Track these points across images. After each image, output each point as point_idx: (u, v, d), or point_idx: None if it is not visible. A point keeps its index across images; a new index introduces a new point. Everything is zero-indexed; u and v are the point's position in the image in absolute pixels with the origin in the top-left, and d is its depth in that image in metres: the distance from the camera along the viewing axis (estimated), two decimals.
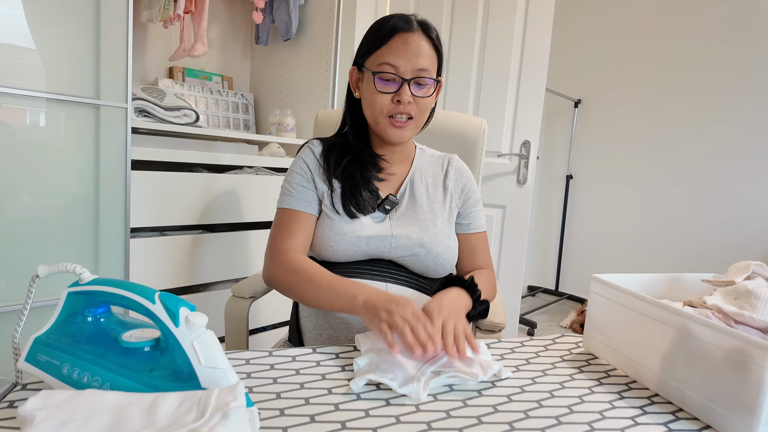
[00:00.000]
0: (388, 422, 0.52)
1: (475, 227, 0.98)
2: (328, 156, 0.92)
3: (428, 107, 0.89)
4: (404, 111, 0.85)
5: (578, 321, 2.86)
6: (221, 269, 1.72)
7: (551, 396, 0.60)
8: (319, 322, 0.88)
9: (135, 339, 0.52)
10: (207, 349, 0.49)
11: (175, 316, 0.49)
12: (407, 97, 0.84)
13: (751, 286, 0.64)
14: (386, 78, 0.84)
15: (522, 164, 2.06)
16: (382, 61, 0.84)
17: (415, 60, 0.83)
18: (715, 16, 2.71)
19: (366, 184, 0.89)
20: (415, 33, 0.84)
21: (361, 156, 0.91)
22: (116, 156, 1.33)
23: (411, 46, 0.83)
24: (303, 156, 0.93)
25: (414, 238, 0.87)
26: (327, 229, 0.86)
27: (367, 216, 0.88)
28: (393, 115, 0.85)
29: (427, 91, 0.86)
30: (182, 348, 0.49)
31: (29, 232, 1.22)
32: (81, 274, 0.53)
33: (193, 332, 0.49)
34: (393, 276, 0.88)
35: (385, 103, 0.85)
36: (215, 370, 0.49)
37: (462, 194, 0.97)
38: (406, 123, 0.87)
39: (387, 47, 0.84)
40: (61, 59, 1.22)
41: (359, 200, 0.87)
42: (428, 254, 0.88)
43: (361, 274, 0.87)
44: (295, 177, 0.91)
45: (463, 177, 0.99)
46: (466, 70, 2.11)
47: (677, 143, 2.89)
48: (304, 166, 0.92)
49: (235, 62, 2.31)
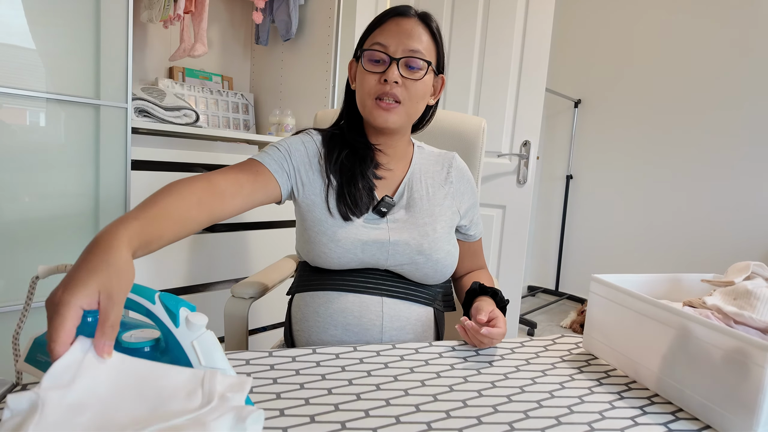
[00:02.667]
0: (388, 422, 0.52)
1: (477, 235, 0.99)
2: (327, 148, 0.88)
3: (420, 93, 0.84)
4: (390, 92, 0.81)
5: (578, 321, 2.86)
6: (221, 269, 1.72)
7: (551, 396, 0.60)
8: (312, 338, 0.85)
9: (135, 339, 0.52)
10: (207, 349, 0.49)
11: (175, 317, 0.49)
12: (394, 76, 0.80)
13: (751, 286, 0.64)
14: (375, 58, 0.82)
15: (522, 164, 2.06)
16: (373, 42, 0.83)
17: (407, 41, 0.81)
18: (716, 16, 2.71)
19: (363, 179, 0.85)
20: (410, 18, 0.83)
21: (358, 148, 0.88)
22: (116, 156, 1.33)
23: (403, 27, 0.82)
24: (304, 140, 0.88)
25: (413, 244, 0.83)
26: (320, 235, 0.82)
27: (362, 218, 0.84)
28: (380, 97, 0.82)
29: (418, 74, 0.82)
30: (182, 348, 0.49)
31: (29, 232, 1.22)
32: None
33: (193, 332, 0.49)
34: (389, 289, 0.85)
35: (372, 83, 0.82)
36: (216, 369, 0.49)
37: (463, 199, 0.95)
38: (393, 106, 0.82)
39: (380, 29, 0.83)
40: (61, 59, 1.22)
41: (355, 196, 0.83)
42: (428, 261, 0.84)
43: (355, 286, 0.84)
44: (287, 149, 0.85)
45: (464, 179, 0.96)
46: (466, 70, 2.11)
47: (677, 143, 2.89)
48: (301, 148, 0.86)
49: (235, 62, 2.31)
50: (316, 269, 0.87)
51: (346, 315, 0.82)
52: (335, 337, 0.83)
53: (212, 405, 0.43)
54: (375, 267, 0.85)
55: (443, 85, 0.91)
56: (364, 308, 0.82)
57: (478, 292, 0.85)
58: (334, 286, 0.84)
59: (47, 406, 0.40)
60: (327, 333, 0.83)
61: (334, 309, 0.83)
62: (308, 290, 0.86)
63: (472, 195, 0.97)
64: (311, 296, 0.86)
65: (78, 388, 0.42)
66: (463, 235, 0.98)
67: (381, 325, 0.82)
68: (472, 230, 0.98)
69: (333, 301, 0.83)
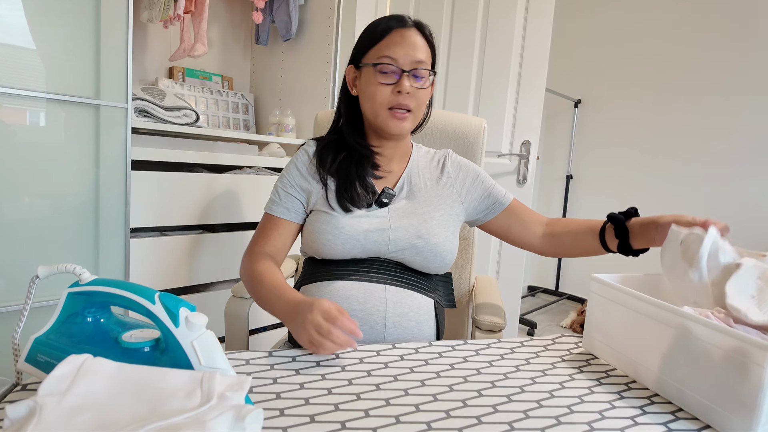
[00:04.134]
0: (388, 422, 0.52)
1: (505, 200, 0.99)
2: (322, 154, 0.93)
3: (425, 100, 0.92)
4: (404, 102, 0.87)
5: (578, 321, 2.86)
6: (221, 269, 1.72)
7: (551, 396, 0.60)
8: None
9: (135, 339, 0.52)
10: (207, 349, 0.49)
11: (175, 317, 0.49)
12: (407, 88, 0.86)
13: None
14: (386, 70, 0.87)
15: (522, 164, 2.06)
16: (381, 55, 0.87)
17: (413, 53, 0.87)
18: (716, 16, 2.71)
19: (361, 180, 0.90)
20: (410, 29, 0.88)
21: (356, 151, 0.92)
22: (116, 156, 1.33)
23: (408, 40, 0.87)
24: (295, 159, 0.96)
25: (411, 229, 0.88)
26: (324, 224, 0.87)
27: (363, 209, 0.88)
28: (393, 108, 0.88)
29: (424, 83, 0.89)
30: (182, 348, 0.49)
31: (29, 232, 1.22)
32: (81, 274, 0.53)
33: (193, 332, 0.49)
34: (391, 277, 0.88)
35: (386, 95, 0.87)
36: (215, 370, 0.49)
37: (465, 183, 0.98)
38: (405, 115, 0.89)
39: (385, 42, 0.87)
40: (61, 59, 1.22)
41: (353, 195, 0.88)
42: (426, 245, 0.88)
43: (359, 274, 0.87)
44: (284, 182, 0.94)
45: (462, 168, 0.99)
46: (466, 70, 2.11)
47: (677, 143, 2.89)
48: (293, 170, 0.94)
49: (235, 62, 2.31)
50: (321, 262, 0.90)
51: (350, 302, 0.85)
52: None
53: (211, 404, 0.43)
54: (377, 256, 0.89)
55: (434, 84, 0.95)
56: (368, 295, 0.85)
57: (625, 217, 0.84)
58: (338, 275, 0.87)
59: (45, 409, 0.40)
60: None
61: (338, 297, 0.85)
62: (313, 281, 0.90)
63: (474, 173, 0.99)
64: (316, 286, 0.89)
65: (76, 393, 0.42)
66: (494, 204, 0.98)
67: (384, 311, 0.85)
68: (492, 198, 0.98)
69: (337, 289, 0.86)
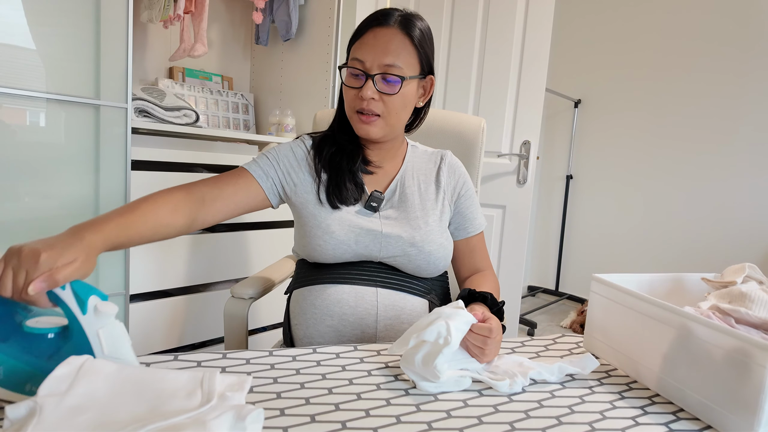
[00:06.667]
0: (388, 422, 0.52)
1: (473, 229, 0.95)
2: (317, 149, 0.91)
3: (398, 105, 0.84)
4: (366, 108, 0.82)
5: (578, 321, 2.85)
6: (221, 269, 1.72)
7: (552, 396, 0.60)
8: (309, 331, 0.86)
9: (40, 325, 0.51)
10: (113, 339, 0.49)
11: (84, 303, 0.48)
12: (369, 93, 0.81)
13: (745, 289, 0.65)
14: (353, 73, 0.83)
15: (522, 164, 2.06)
16: (353, 56, 0.84)
17: (382, 56, 0.80)
18: (716, 16, 2.71)
19: (351, 175, 0.88)
20: (389, 28, 0.81)
21: (345, 146, 0.90)
22: (116, 156, 1.33)
23: (380, 40, 0.81)
24: (293, 145, 0.92)
25: (405, 237, 0.85)
26: (315, 228, 0.85)
27: (351, 206, 0.86)
28: (361, 111, 0.84)
29: (394, 87, 0.82)
30: (86, 336, 0.48)
31: (29, 232, 1.22)
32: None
33: (100, 321, 0.48)
34: (383, 280, 0.86)
35: (351, 97, 0.84)
36: (118, 360, 0.48)
37: (455, 191, 0.95)
38: (372, 119, 0.84)
39: (359, 42, 0.83)
40: (61, 59, 1.22)
41: (342, 190, 0.86)
42: (420, 253, 0.86)
43: (350, 278, 0.85)
44: (274, 154, 0.89)
45: (455, 173, 0.96)
46: (466, 70, 2.11)
47: (677, 143, 2.89)
48: (289, 152, 0.90)
49: (235, 62, 2.31)
50: (313, 265, 0.89)
51: (342, 305, 0.84)
52: (332, 328, 0.85)
53: (212, 404, 0.43)
54: (369, 259, 0.87)
55: (433, 85, 0.90)
56: (359, 298, 0.84)
57: (468, 299, 0.78)
58: (330, 279, 0.86)
59: (45, 410, 0.40)
60: (323, 324, 0.85)
61: (330, 300, 0.84)
62: (305, 285, 0.88)
63: (466, 185, 0.96)
64: (308, 290, 0.88)
65: (76, 393, 0.42)
66: (459, 230, 0.95)
67: (376, 314, 0.84)
68: (465, 222, 0.95)
69: (329, 292, 0.85)
